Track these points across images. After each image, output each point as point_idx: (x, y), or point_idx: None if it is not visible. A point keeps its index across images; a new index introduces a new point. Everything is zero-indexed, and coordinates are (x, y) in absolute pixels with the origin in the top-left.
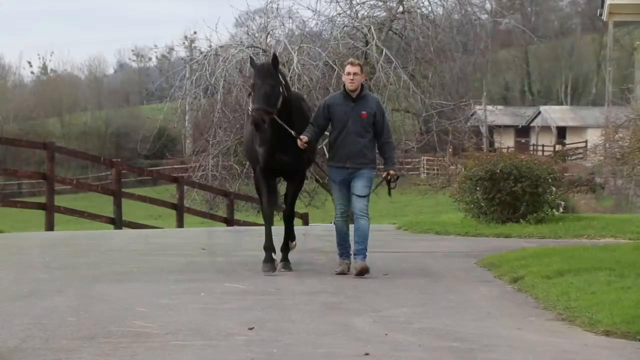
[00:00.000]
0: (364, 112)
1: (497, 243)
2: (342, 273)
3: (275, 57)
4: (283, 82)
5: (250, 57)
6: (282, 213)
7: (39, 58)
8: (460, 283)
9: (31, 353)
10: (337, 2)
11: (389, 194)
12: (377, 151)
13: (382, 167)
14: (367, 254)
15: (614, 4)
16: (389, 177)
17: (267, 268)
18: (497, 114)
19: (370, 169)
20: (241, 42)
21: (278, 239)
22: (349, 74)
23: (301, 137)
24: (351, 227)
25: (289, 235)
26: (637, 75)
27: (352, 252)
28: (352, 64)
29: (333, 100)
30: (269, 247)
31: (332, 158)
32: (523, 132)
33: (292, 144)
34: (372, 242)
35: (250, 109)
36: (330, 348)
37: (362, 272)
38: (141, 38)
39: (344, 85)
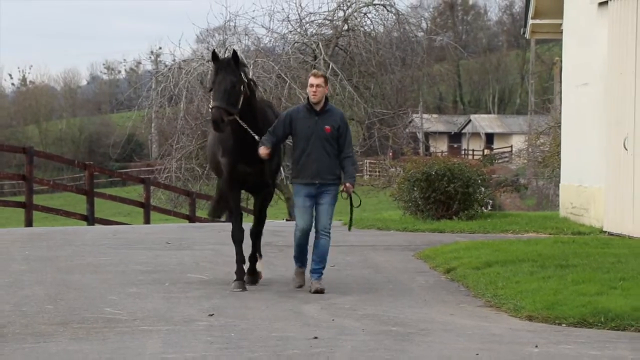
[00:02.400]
0: (327, 127)
1: (432, 237)
2: (300, 287)
3: (235, 53)
4: (245, 80)
5: (214, 51)
6: (250, 229)
7: (19, 71)
8: (400, 273)
9: (12, 337)
10: (288, 20)
11: (351, 205)
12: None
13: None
14: (322, 272)
15: (536, 23)
16: (345, 190)
17: (236, 286)
18: (432, 122)
19: (336, 186)
20: (202, 56)
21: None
22: (312, 85)
23: (262, 146)
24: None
25: (257, 250)
26: (557, 87)
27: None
28: (315, 75)
29: (296, 114)
30: (239, 270)
31: (297, 175)
32: (455, 138)
33: (256, 154)
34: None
35: (209, 106)
36: (283, 332)
37: (317, 292)
38: (111, 53)
39: (308, 98)
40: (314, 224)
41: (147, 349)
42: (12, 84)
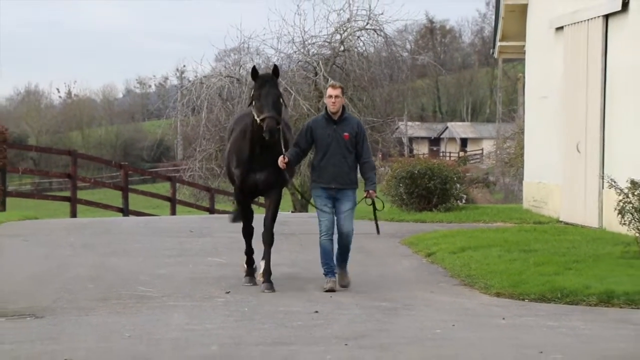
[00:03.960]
0: (346, 134)
1: (415, 227)
2: (330, 290)
3: (276, 68)
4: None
5: (254, 67)
6: (261, 236)
7: (65, 85)
8: (388, 257)
9: (60, 311)
10: (293, 42)
11: (374, 209)
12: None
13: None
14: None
15: (502, 45)
16: (368, 196)
17: (247, 281)
18: (415, 128)
19: (354, 190)
20: (220, 73)
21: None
22: (330, 96)
23: (284, 155)
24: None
25: (269, 259)
26: (520, 99)
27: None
28: (333, 86)
29: (315, 123)
30: (249, 264)
31: (316, 179)
32: (435, 142)
33: (268, 163)
34: (317, 227)
35: (258, 117)
36: (288, 307)
37: (344, 286)
38: (143, 69)
39: (326, 108)
40: (336, 229)
41: (173, 321)
42: (60, 96)
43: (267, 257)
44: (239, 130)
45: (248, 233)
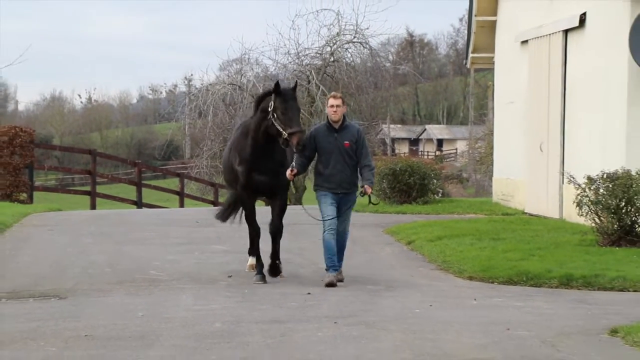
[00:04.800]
0: (346, 142)
1: (397, 218)
2: (331, 284)
3: (296, 85)
4: None
5: (277, 82)
6: (269, 228)
7: (86, 92)
8: (372, 245)
9: (80, 293)
10: (288, 54)
11: (369, 202)
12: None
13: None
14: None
15: (474, 56)
16: (364, 191)
17: (258, 279)
18: (397, 130)
19: (354, 193)
20: (223, 81)
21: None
22: (332, 106)
23: (292, 167)
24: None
25: (277, 254)
26: (490, 104)
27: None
28: (334, 97)
29: (318, 131)
30: (259, 265)
31: (322, 185)
32: (414, 142)
33: (270, 165)
34: (309, 218)
35: (285, 131)
36: (283, 289)
37: (331, 285)
38: (155, 78)
39: (328, 117)
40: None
41: (181, 302)
42: (81, 101)
43: (274, 249)
44: (240, 133)
45: (255, 235)
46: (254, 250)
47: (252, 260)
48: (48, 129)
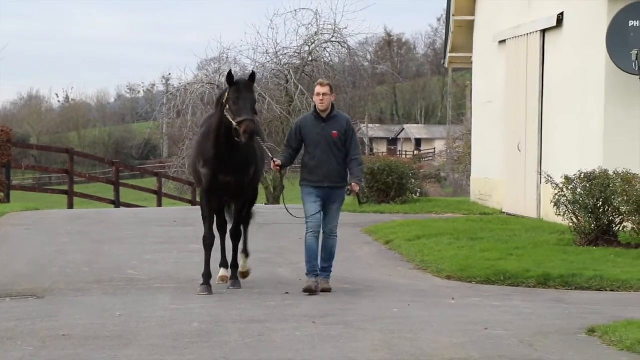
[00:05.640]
0: (334, 132)
1: (375, 217)
2: (309, 290)
3: (253, 75)
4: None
5: (230, 71)
6: (229, 231)
7: (63, 91)
8: (351, 244)
9: (58, 292)
10: (267, 53)
11: (359, 202)
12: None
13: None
14: (331, 271)
15: (452, 56)
16: (351, 189)
17: (203, 290)
18: (375, 130)
19: (344, 189)
20: (202, 80)
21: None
22: (318, 94)
23: (274, 160)
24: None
25: (241, 252)
26: (468, 104)
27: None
28: (321, 84)
29: (304, 121)
30: (206, 274)
31: (307, 178)
32: (392, 142)
33: (236, 164)
34: (288, 217)
35: (235, 121)
36: (262, 289)
37: (324, 291)
38: (133, 77)
39: (315, 106)
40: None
41: (159, 301)
42: (59, 100)
43: (235, 250)
44: (203, 132)
45: (209, 242)
46: (206, 256)
47: (223, 272)
48: (25, 128)
